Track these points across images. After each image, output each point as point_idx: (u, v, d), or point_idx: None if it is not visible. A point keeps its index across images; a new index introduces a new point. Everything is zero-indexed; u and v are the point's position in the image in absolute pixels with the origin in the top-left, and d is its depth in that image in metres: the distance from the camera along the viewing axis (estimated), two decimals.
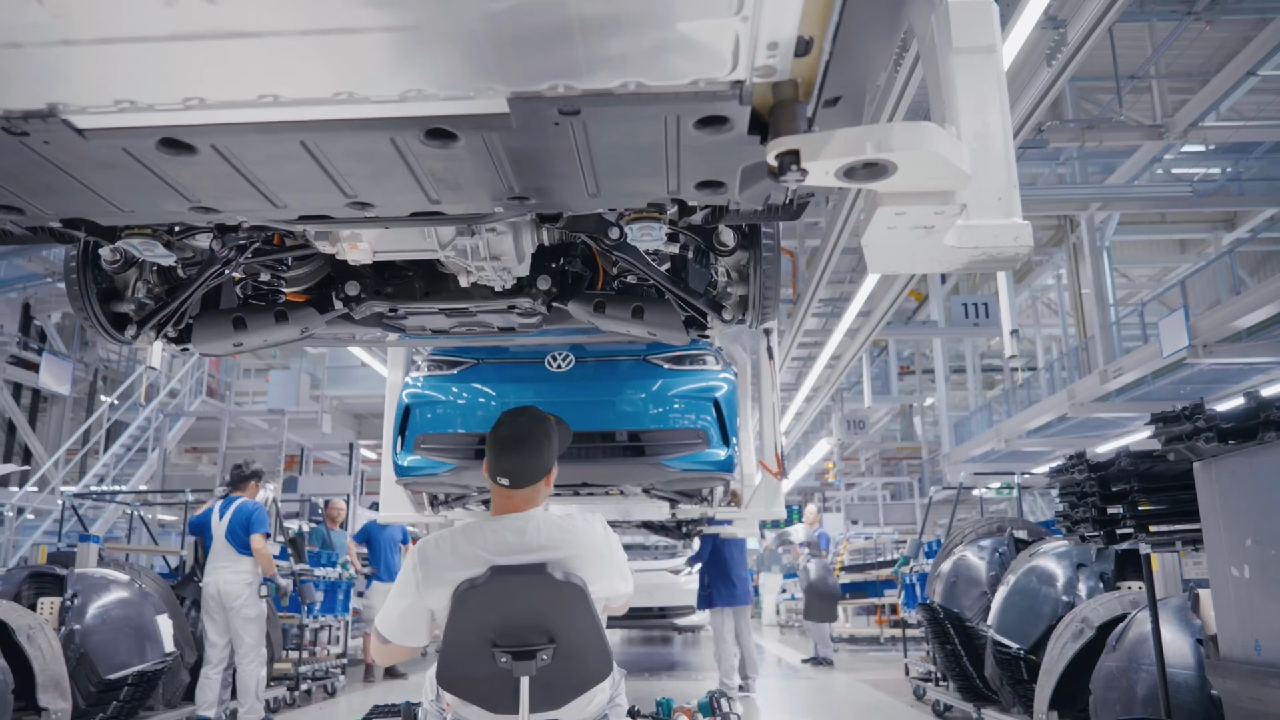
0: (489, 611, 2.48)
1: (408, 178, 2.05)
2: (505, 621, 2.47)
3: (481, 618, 2.49)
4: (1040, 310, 24.64)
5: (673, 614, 11.92)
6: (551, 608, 2.46)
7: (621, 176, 2.10)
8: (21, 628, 5.24)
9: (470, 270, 3.14)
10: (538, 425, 2.68)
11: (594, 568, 2.55)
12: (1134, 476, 4.06)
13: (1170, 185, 15.73)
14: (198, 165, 1.94)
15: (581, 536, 2.57)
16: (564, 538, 2.55)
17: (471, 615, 2.49)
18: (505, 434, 2.64)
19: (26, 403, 17.28)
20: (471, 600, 2.46)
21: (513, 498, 2.63)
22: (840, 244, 10.39)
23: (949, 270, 2.06)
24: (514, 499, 2.63)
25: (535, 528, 2.56)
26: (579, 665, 2.51)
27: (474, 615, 2.49)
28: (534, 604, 2.47)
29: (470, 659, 2.49)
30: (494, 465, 2.62)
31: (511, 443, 2.63)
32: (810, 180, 1.68)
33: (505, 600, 2.47)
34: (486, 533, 2.57)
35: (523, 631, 2.46)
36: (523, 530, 2.55)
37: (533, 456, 2.63)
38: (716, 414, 5.08)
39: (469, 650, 2.49)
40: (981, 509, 10.98)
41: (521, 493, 2.62)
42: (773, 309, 3.38)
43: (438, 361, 5.48)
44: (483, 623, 2.48)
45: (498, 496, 2.66)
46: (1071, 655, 4.79)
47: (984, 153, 1.87)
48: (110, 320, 3.29)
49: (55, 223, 2.40)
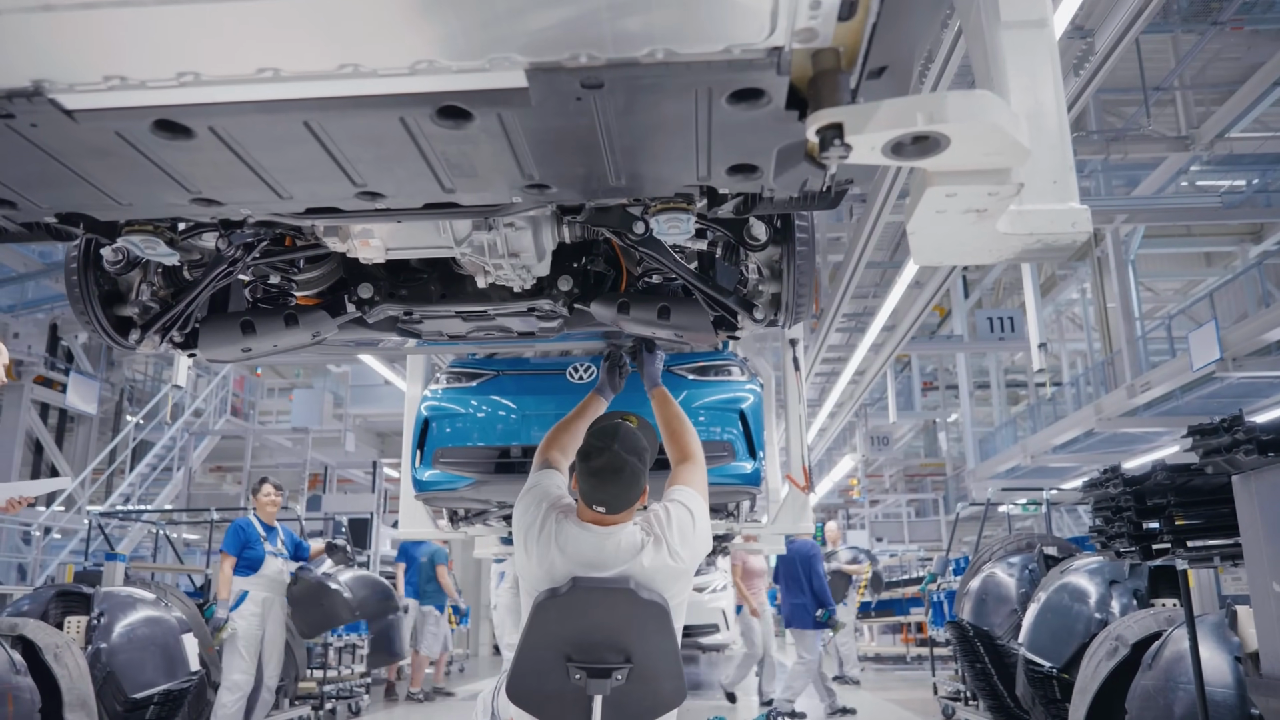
0: (567, 625, 2.43)
1: (420, 163, 1.93)
2: (583, 636, 2.42)
3: (559, 630, 2.44)
4: (1065, 325, 24.42)
5: (696, 633, 11.80)
6: (631, 626, 2.41)
7: (648, 160, 1.99)
8: (49, 646, 5.25)
9: (488, 269, 3.02)
10: (632, 449, 2.59)
11: (680, 583, 2.52)
12: (1171, 490, 3.98)
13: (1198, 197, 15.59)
14: (196, 151, 1.85)
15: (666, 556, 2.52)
16: (647, 555, 2.50)
17: (549, 626, 2.44)
18: (600, 465, 2.55)
19: (54, 423, 17.44)
20: (551, 610, 2.42)
21: (604, 517, 2.59)
22: (864, 259, 10.33)
23: (1000, 261, 1.92)
24: (605, 518, 2.59)
25: (616, 544, 2.53)
26: (653, 689, 2.44)
27: (552, 626, 2.44)
28: (615, 621, 2.41)
29: (543, 672, 2.43)
30: (589, 494, 2.56)
31: (608, 474, 2.55)
32: (854, 157, 1.54)
33: (585, 614, 2.42)
34: (576, 538, 2.54)
35: (599, 649, 2.40)
36: (602, 547, 2.52)
37: (630, 488, 2.57)
38: (743, 426, 4.96)
39: (543, 663, 2.43)
40: (1009, 526, 10.83)
41: (616, 516, 2.59)
42: (806, 308, 3.22)
43: (457, 373, 5.37)
44: (560, 635, 2.43)
45: (586, 512, 2.61)
46: (1106, 674, 4.71)
47: (1038, 133, 1.73)
48: (113, 324, 3.17)
49: (51, 218, 2.29)
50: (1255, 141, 14.13)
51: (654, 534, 2.56)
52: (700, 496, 2.78)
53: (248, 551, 6.46)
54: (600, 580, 2.43)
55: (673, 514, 2.63)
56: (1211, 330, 12.17)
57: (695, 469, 2.96)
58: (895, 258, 17.23)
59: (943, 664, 9.86)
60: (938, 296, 12.19)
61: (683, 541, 2.58)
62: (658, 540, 2.55)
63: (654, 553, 2.52)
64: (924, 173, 1.66)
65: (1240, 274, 15.29)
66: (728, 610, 11.84)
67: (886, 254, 17.38)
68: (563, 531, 2.56)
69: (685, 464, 2.99)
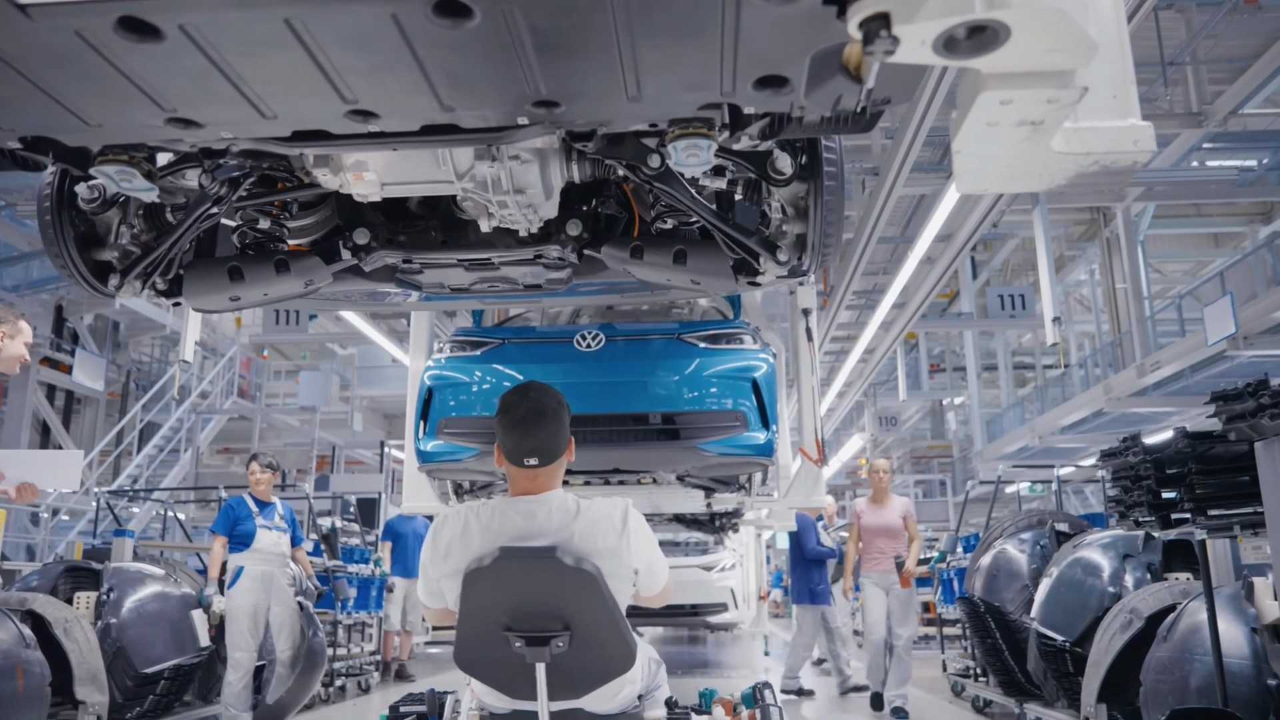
0: (498, 595, 2.37)
1: (415, 74, 1.75)
2: (517, 606, 2.36)
3: (491, 601, 2.39)
4: (1073, 306, 24.33)
5: (705, 611, 11.79)
6: (562, 594, 2.34)
7: (667, 69, 1.79)
8: (58, 621, 5.26)
9: (491, 210, 2.82)
10: (550, 395, 2.50)
11: (611, 556, 2.40)
12: (1191, 459, 3.93)
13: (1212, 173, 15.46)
14: (167, 57, 1.67)
15: (600, 521, 2.43)
16: (580, 523, 2.41)
17: (480, 598, 2.40)
18: (523, 411, 2.46)
19: (60, 405, 17.47)
20: (479, 583, 2.36)
21: (537, 478, 2.48)
22: (876, 233, 10.26)
23: (1052, 186, 1.73)
24: (538, 479, 2.49)
25: (548, 512, 2.43)
26: (598, 655, 2.39)
27: (483, 599, 2.39)
28: (543, 590, 2.35)
29: (484, 642, 2.40)
30: (517, 447, 2.45)
31: (533, 418, 2.44)
32: (901, 54, 1.36)
33: (514, 585, 2.36)
34: (499, 515, 2.46)
35: (536, 617, 2.35)
36: (533, 515, 2.43)
37: (556, 429, 2.47)
38: (755, 395, 4.84)
39: (482, 634, 2.40)
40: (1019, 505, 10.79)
41: (546, 471, 2.48)
42: (835, 250, 2.98)
43: (461, 342, 5.25)
44: (493, 606, 2.38)
45: (519, 479, 2.50)
46: (1120, 646, 4.68)
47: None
48: (91, 269, 2.95)
49: (15, 143, 2.11)
50: (1268, 119, 13.99)
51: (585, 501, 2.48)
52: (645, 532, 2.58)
53: (239, 528, 6.39)
54: (526, 549, 2.35)
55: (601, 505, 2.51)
56: (1227, 305, 12.09)
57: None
58: (906, 232, 17.13)
59: (951, 642, 9.84)
60: (950, 271, 12.10)
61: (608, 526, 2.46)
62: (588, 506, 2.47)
63: (588, 520, 2.43)
64: (976, 76, 1.49)
65: (1250, 254, 15.19)
66: (736, 589, 11.82)
67: (898, 229, 17.28)
68: (493, 515, 2.47)
69: None
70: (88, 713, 5.16)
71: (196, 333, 8.62)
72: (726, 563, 12.03)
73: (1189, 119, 13.04)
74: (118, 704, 5.53)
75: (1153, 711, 4.25)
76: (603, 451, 4.86)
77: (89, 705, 5.17)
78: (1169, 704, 4.11)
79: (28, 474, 3.87)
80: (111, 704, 5.39)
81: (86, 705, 5.16)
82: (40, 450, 14.25)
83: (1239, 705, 3.79)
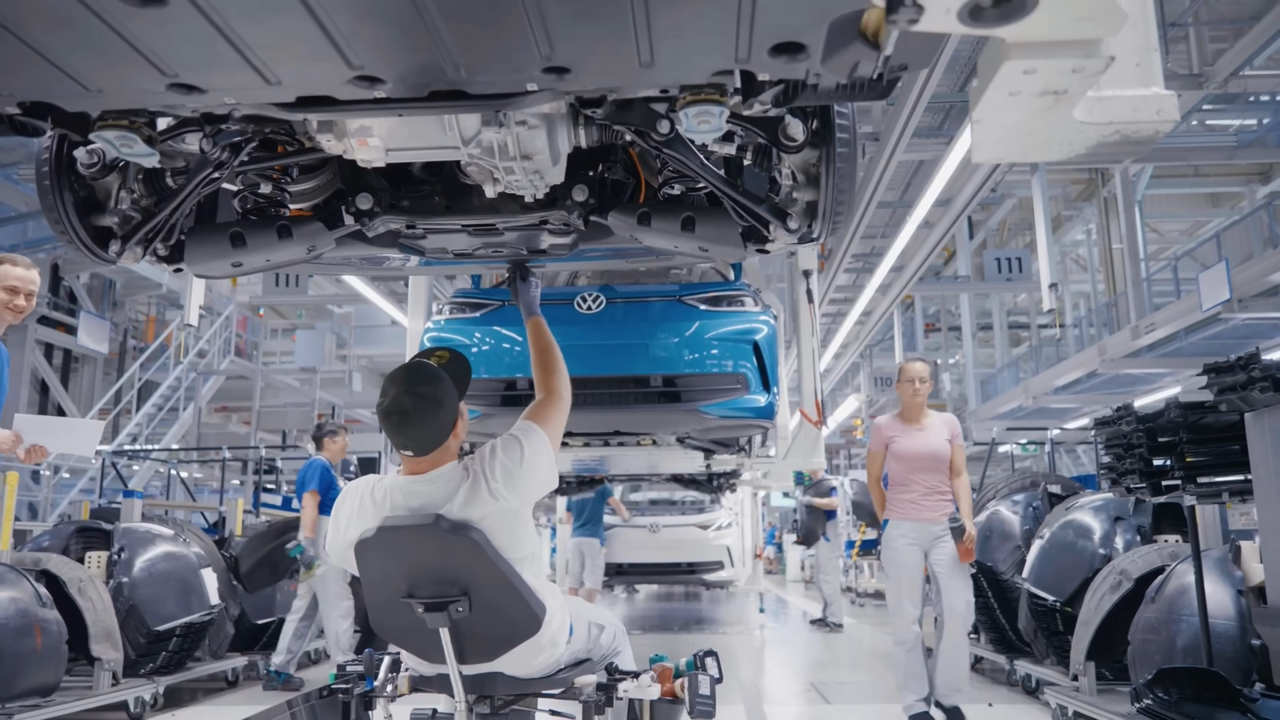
0: (388, 566, 2.40)
1: (423, 36, 1.69)
2: (410, 574, 2.38)
3: (383, 571, 2.42)
4: (1069, 266, 24.37)
5: (701, 570, 11.96)
6: (450, 562, 2.35)
7: (681, 35, 1.74)
8: (72, 580, 5.37)
9: (497, 175, 2.77)
10: (424, 390, 2.44)
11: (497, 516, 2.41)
12: (1182, 428, 4.03)
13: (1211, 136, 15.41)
14: (170, 22, 1.63)
15: (479, 485, 2.43)
16: (464, 491, 2.42)
17: (372, 569, 2.45)
18: (387, 407, 2.42)
19: (58, 363, 17.50)
20: (366, 554, 2.41)
21: (420, 461, 2.48)
22: (875, 198, 10.27)
23: (1072, 156, 1.69)
24: (422, 462, 2.49)
25: (433, 488, 2.45)
26: (501, 619, 2.40)
27: (374, 569, 2.44)
28: (429, 558, 2.37)
29: (391, 610, 2.43)
30: (391, 438, 2.45)
31: (396, 416, 2.41)
32: (926, 21, 1.30)
33: (401, 555, 2.38)
34: (390, 494, 2.49)
35: (432, 584, 2.37)
36: (417, 493, 2.45)
37: (426, 426, 2.44)
38: (756, 357, 4.85)
39: (387, 601, 2.43)
40: (1012, 465, 10.93)
41: (429, 456, 2.48)
42: (847, 217, 2.92)
43: (460, 304, 5.22)
44: (387, 575, 2.41)
45: (406, 460, 2.50)
46: (1109, 607, 4.81)
47: None
48: (91, 235, 2.91)
49: (13, 108, 2.06)
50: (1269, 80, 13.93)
51: (473, 472, 2.46)
52: (541, 433, 2.63)
53: (331, 492, 6.61)
54: (407, 521, 2.38)
55: (499, 451, 2.50)
56: (1222, 270, 12.15)
57: (550, 406, 2.82)
58: (905, 197, 17.12)
59: None
60: (948, 236, 12.13)
61: (506, 479, 2.45)
62: (475, 479, 2.44)
63: (470, 493, 2.42)
64: (1000, 45, 1.45)
65: (1249, 215, 15.21)
66: (732, 547, 11.98)
67: (897, 194, 17.27)
68: (386, 494, 2.50)
69: (542, 400, 2.85)
70: (103, 669, 5.30)
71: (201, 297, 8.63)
72: (723, 521, 12.16)
73: (1189, 80, 12.99)
74: (131, 660, 5.66)
75: (1140, 670, 4.38)
76: (604, 414, 4.88)
77: (104, 662, 5.30)
78: (1156, 663, 4.24)
79: (47, 440, 3.90)
80: (125, 660, 5.52)
81: (102, 662, 5.29)
82: (61, 418, 14.27)
83: (1223, 665, 3.91)
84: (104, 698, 5.29)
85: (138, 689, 5.57)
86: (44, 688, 4.81)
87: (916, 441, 5.17)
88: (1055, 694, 5.12)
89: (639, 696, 2.64)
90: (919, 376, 5.30)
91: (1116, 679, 4.91)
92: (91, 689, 5.25)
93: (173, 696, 6.12)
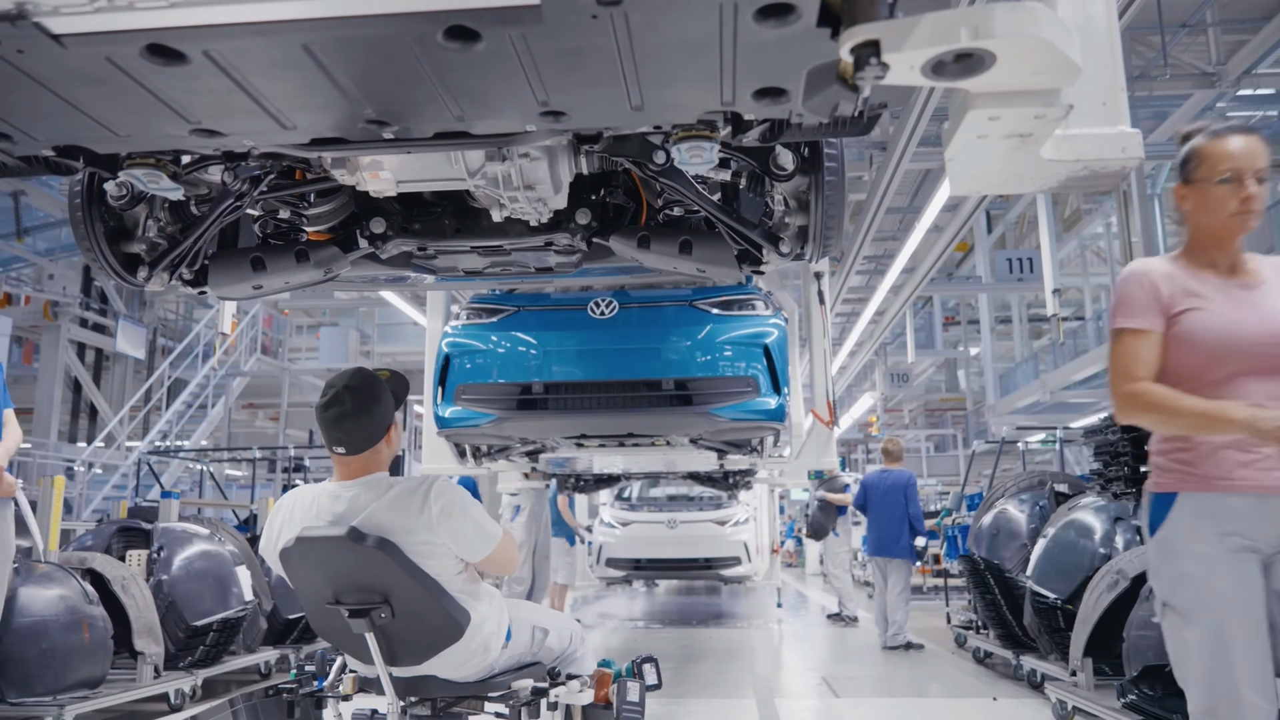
0: (312, 573, 2.49)
1: (428, 89, 1.81)
2: (334, 581, 2.47)
3: (308, 578, 2.51)
4: (1090, 259, 24.27)
5: (718, 565, 12.05)
6: (364, 571, 2.42)
7: (669, 84, 1.83)
8: (116, 578, 5.64)
9: (503, 202, 2.91)
10: (365, 386, 2.55)
11: (416, 533, 2.45)
12: None
13: None
14: (192, 78, 1.75)
15: (400, 500, 2.49)
16: (383, 503, 2.48)
17: (296, 576, 2.54)
18: (327, 400, 2.53)
19: (90, 361, 17.92)
20: (289, 562, 2.51)
21: (350, 464, 2.57)
22: (885, 204, 10.38)
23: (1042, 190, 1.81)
24: (351, 466, 2.57)
25: (355, 496, 2.51)
26: (424, 625, 2.46)
27: (299, 576, 2.54)
28: (345, 567, 2.44)
29: (322, 613, 2.52)
30: (326, 435, 2.55)
31: (335, 416, 2.51)
32: (892, 77, 1.40)
33: (319, 564, 2.47)
34: (317, 501, 2.57)
35: (354, 591, 2.45)
36: (342, 499, 2.52)
37: (360, 423, 2.53)
38: (767, 361, 4.93)
39: (316, 606, 2.53)
40: (1025, 461, 11.03)
41: (360, 458, 2.56)
42: (835, 240, 3.06)
43: (478, 309, 5.32)
44: (312, 582, 2.50)
45: (337, 464, 2.60)
46: (1106, 605, 4.95)
47: (1086, 50, 1.54)
48: (121, 261, 3.09)
49: (49, 151, 2.20)
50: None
51: (414, 488, 2.51)
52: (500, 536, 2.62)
53: None
54: (320, 530, 2.44)
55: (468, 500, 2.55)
56: None
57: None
58: (915, 203, 17.20)
59: (956, 595, 10.14)
60: (957, 240, 12.21)
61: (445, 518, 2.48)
62: (414, 494, 2.50)
63: (402, 501, 2.48)
64: (965, 94, 1.54)
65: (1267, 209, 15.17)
66: (749, 543, 12.11)
67: (906, 199, 17.34)
68: (313, 501, 2.57)
69: None
70: (146, 662, 5.58)
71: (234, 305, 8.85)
72: (740, 517, 12.26)
73: (1202, 79, 13.01)
74: (171, 654, 5.93)
75: (1134, 665, 4.54)
76: (617, 417, 4.99)
77: (146, 655, 5.58)
78: (1149, 659, 4.41)
79: None
80: (165, 654, 5.80)
81: (144, 655, 5.57)
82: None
83: None
84: (147, 690, 5.57)
85: (178, 681, 5.84)
86: (91, 680, 5.08)
87: (1246, 307, 2.33)
88: (1055, 688, 5.31)
89: (570, 701, 2.72)
90: (1254, 168, 2.47)
91: (1115, 674, 5.07)
92: (135, 681, 5.53)
93: (210, 688, 6.38)
